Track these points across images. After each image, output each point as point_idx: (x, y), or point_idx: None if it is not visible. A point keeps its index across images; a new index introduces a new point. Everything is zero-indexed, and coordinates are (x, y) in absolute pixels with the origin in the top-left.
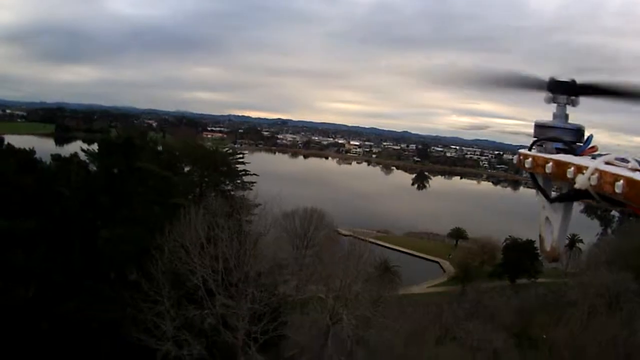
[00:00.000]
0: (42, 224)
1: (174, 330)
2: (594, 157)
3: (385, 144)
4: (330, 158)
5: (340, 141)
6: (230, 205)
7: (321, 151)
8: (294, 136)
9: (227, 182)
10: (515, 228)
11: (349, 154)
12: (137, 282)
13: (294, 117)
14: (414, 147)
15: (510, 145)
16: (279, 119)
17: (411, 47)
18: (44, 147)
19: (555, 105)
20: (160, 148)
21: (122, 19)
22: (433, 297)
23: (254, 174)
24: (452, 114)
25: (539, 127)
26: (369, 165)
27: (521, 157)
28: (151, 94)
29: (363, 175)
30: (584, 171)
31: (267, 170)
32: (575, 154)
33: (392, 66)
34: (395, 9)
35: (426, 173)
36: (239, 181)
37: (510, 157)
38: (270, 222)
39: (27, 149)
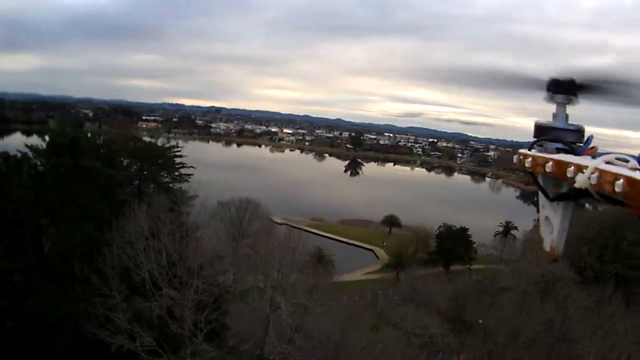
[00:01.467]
0: None
1: (126, 323)
2: (594, 157)
3: (318, 131)
4: (263, 146)
5: (273, 129)
6: (171, 199)
7: (254, 139)
8: (228, 125)
9: (165, 175)
10: (448, 214)
11: (282, 142)
12: (88, 277)
13: (228, 104)
14: (347, 135)
15: (445, 132)
16: (212, 107)
17: (349, 34)
18: None
19: (555, 105)
20: (99, 141)
21: (62, 7)
22: (368, 284)
23: (191, 167)
24: (386, 101)
25: (539, 127)
26: (302, 152)
27: (521, 157)
28: (89, 82)
29: (296, 163)
30: (584, 170)
31: (201, 160)
32: (576, 154)
33: (331, 54)
34: None
35: (359, 160)
36: (176, 174)
37: (445, 144)
38: (208, 213)
39: None
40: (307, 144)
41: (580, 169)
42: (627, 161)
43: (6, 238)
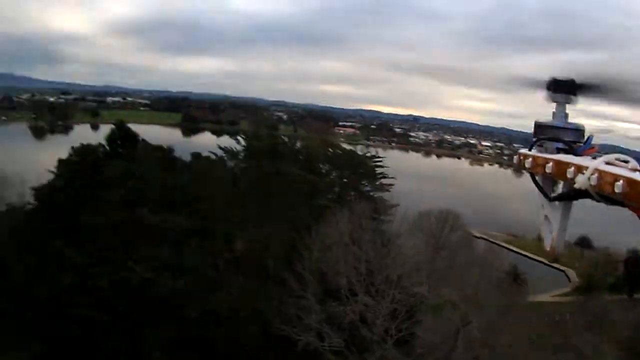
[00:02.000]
0: (190, 222)
1: (316, 323)
2: (594, 157)
3: (515, 145)
4: (462, 159)
5: (471, 141)
6: (372, 207)
7: (453, 151)
8: (427, 134)
9: (366, 184)
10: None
11: (480, 155)
12: (283, 278)
13: (426, 113)
14: None
15: (636, 150)
16: (410, 115)
17: (533, 47)
18: (171, 138)
19: (555, 104)
20: (297, 146)
21: (246, 14)
22: (557, 306)
23: (392, 177)
24: (580, 116)
25: (539, 126)
26: (500, 167)
27: (521, 157)
28: (278, 86)
29: (494, 178)
30: (584, 171)
31: (401, 170)
32: (576, 154)
33: (519, 65)
34: (516, 6)
35: None
36: (377, 183)
37: None
38: (409, 223)
39: (164, 146)
40: (505, 158)
41: (580, 169)
42: (627, 162)
43: (199, 234)
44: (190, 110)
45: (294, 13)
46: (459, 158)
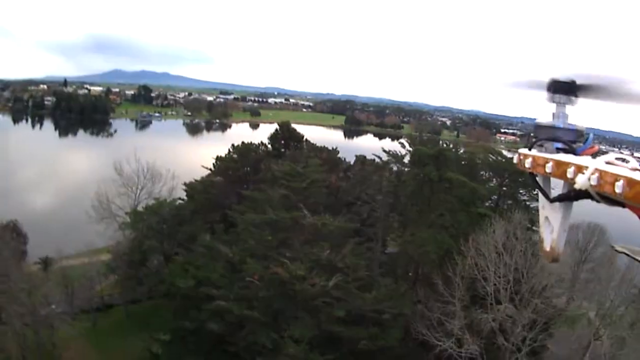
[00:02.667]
0: (351, 222)
1: (457, 329)
2: (594, 157)
3: None
4: None
5: (624, 153)
6: (529, 217)
7: None
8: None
9: (524, 193)
10: None
11: None
12: (432, 282)
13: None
14: None
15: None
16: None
17: None
18: (332, 139)
19: (555, 105)
20: (460, 152)
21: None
22: None
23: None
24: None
25: (538, 127)
26: None
27: (521, 157)
28: (443, 91)
29: None
30: (584, 171)
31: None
32: (576, 154)
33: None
34: None
35: None
36: (535, 192)
37: None
38: None
39: (329, 147)
40: None
41: (580, 169)
42: (628, 161)
43: (357, 235)
44: (354, 113)
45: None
46: None
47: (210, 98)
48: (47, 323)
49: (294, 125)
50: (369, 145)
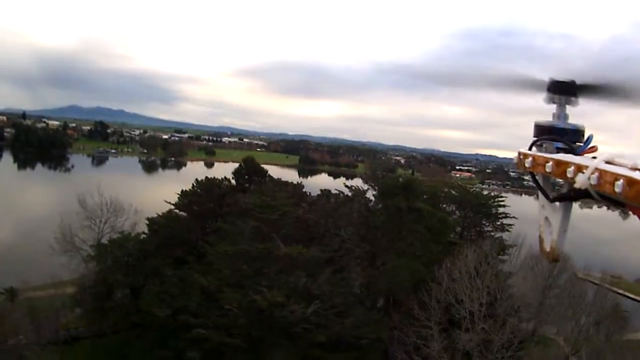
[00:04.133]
0: (324, 253)
1: (435, 353)
2: (594, 157)
3: None
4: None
5: None
6: (493, 245)
7: None
8: None
9: (487, 224)
10: None
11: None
12: (409, 308)
13: None
14: None
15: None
16: None
17: None
18: (288, 178)
19: (555, 106)
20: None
21: (364, 60)
22: None
23: (513, 217)
24: None
25: (538, 127)
26: (608, 209)
27: (521, 157)
28: (397, 131)
29: (600, 221)
30: (584, 170)
31: (514, 212)
32: (576, 154)
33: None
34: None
35: None
36: (498, 223)
37: None
38: (522, 262)
39: (294, 182)
40: None
41: (580, 169)
42: (628, 161)
43: (331, 265)
44: (308, 152)
45: (415, 56)
46: None
47: (165, 136)
48: (16, 353)
49: None
50: (325, 183)
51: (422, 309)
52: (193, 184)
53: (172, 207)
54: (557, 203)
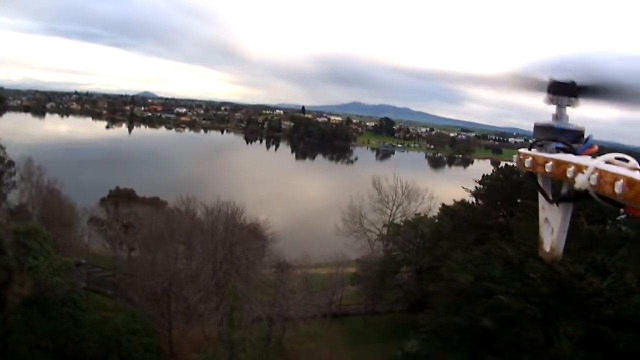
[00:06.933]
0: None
1: None
2: (594, 157)
3: None
4: None
5: None
6: None
7: None
8: None
9: None
10: None
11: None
12: None
13: None
14: None
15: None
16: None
17: None
18: None
19: (555, 107)
20: None
21: None
22: None
23: None
24: None
25: (538, 127)
26: None
27: (521, 157)
28: None
29: None
30: (584, 170)
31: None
32: (576, 154)
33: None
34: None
35: None
36: None
37: None
38: None
39: None
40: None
41: (580, 169)
42: (628, 161)
43: (632, 242)
44: None
45: None
46: None
47: (452, 134)
48: (287, 313)
49: None
50: None
51: None
52: (493, 170)
53: (470, 194)
54: (557, 204)
